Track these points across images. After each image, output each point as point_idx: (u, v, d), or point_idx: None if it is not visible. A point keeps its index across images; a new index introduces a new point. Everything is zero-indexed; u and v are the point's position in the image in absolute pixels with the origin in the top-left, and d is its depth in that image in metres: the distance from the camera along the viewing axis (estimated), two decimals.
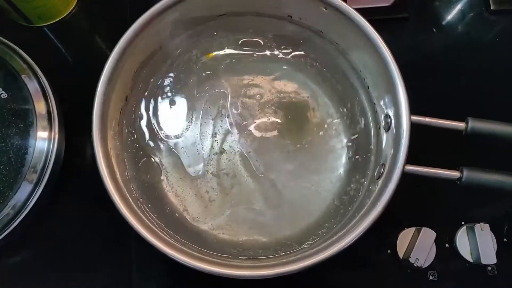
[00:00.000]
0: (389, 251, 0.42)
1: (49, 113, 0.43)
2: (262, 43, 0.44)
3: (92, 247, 0.44)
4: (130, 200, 0.35)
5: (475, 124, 0.35)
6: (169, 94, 0.44)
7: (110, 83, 0.37)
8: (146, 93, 0.43)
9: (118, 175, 0.35)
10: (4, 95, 0.43)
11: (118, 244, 0.44)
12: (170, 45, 0.42)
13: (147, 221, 0.34)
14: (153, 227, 0.34)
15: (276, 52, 0.44)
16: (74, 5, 0.51)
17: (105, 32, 0.51)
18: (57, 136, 0.43)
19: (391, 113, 0.36)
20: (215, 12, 0.42)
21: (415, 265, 0.40)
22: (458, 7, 0.52)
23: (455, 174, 0.34)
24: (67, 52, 0.51)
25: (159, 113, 0.44)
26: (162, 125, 0.44)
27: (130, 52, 0.38)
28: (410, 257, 0.40)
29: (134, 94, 0.42)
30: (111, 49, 0.51)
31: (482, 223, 0.41)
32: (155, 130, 0.43)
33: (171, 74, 0.45)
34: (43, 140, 0.42)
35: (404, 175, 0.33)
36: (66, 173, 0.45)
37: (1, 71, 0.44)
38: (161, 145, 0.43)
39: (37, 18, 0.49)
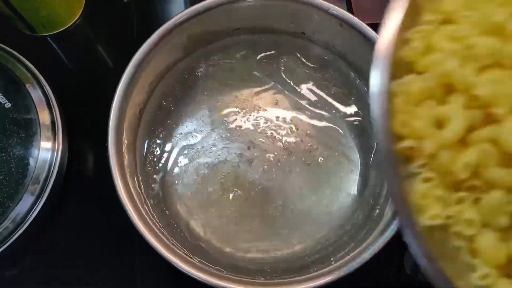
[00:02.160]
0: None
1: (53, 123, 0.43)
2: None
3: (95, 257, 0.43)
4: (150, 222, 0.34)
5: None
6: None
7: (125, 97, 0.37)
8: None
9: (132, 190, 0.35)
10: (8, 105, 0.42)
11: (122, 255, 0.43)
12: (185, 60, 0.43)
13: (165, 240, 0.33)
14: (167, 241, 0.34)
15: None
16: (79, 15, 0.51)
17: (109, 43, 0.51)
18: (60, 146, 0.42)
19: None
20: (231, 26, 0.42)
21: None
22: None
23: None
24: (70, 62, 0.50)
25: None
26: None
27: (146, 64, 0.38)
28: None
29: (148, 109, 0.42)
30: (115, 60, 0.51)
31: None
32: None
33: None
34: (47, 151, 0.41)
35: None
36: (69, 184, 0.44)
37: (5, 80, 0.43)
38: (176, 167, 0.42)
39: (42, 27, 0.48)
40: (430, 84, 0.22)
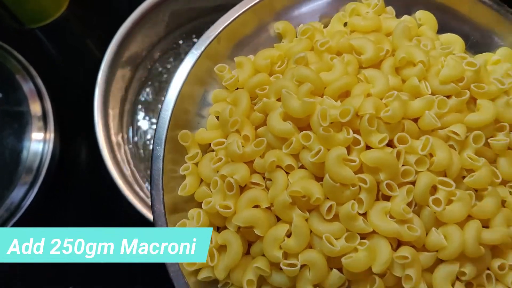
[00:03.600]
0: None
1: (44, 114, 0.43)
2: None
3: None
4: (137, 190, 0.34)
5: None
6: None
7: (111, 70, 0.37)
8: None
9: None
10: None
11: None
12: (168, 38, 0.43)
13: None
14: None
15: None
16: (65, 7, 0.51)
17: (96, 34, 0.51)
18: (52, 136, 0.42)
19: None
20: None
21: None
22: None
23: None
24: (59, 54, 0.50)
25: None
26: None
27: (129, 40, 0.38)
28: None
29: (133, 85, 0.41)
30: (103, 50, 0.51)
31: None
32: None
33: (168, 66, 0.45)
34: (38, 141, 0.42)
35: None
36: (62, 173, 0.44)
37: None
38: None
39: (29, 20, 0.48)
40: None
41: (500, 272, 0.24)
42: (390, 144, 0.25)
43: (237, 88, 0.29)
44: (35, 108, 0.42)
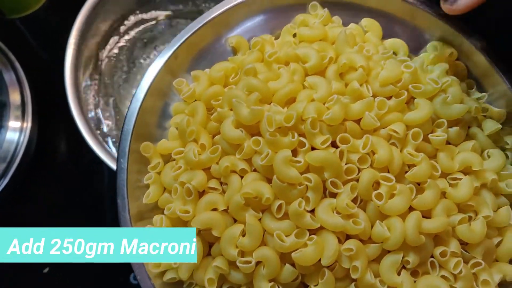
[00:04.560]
0: None
1: (23, 103, 0.43)
2: None
3: None
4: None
5: None
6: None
7: (81, 39, 0.41)
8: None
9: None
10: None
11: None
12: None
13: None
14: None
15: None
16: None
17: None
18: (29, 126, 0.43)
19: None
20: None
21: None
22: None
23: None
24: (39, 44, 0.51)
25: None
26: None
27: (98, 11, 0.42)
28: None
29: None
30: None
31: None
32: None
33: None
34: (15, 130, 0.42)
35: None
36: (38, 163, 0.45)
37: None
38: None
39: (10, 11, 0.49)
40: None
41: (442, 259, 0.26)
42: (335, 145, 0.27)
43: (196, 100, 0.31)
44: (14, 96, 0.43)
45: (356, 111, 0.27)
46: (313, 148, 0.27)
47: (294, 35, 0.32)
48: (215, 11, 0.33)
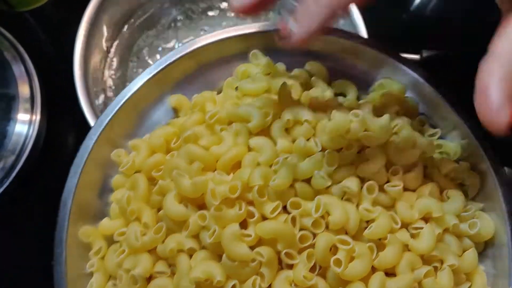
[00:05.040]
0: None
1: (32, 95, 0.42)
2: None
3: None
4: None
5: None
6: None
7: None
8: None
9: None
10: None
11: None
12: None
13: None
14: None
15: None
16: None
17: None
18: (38, 119, 0.41)
19: None
20: None
21: None
22: None
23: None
24: (48, 37, 0.50)
25: None
26: None
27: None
28: None
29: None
30: None
31: None
32: None
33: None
34: (24, 123, 0.41)
35: None
36: (46, 157, 0.43)
37: None
38: None
39: (18, 3, 0.48)
40: None
41: None
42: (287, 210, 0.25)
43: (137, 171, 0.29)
44: (24, 89, 0.42)
45: (304, 171, 0.26)
46: (264, 217, 0.25)
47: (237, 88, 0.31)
48: (154, 69, 0.31)
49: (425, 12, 0.53)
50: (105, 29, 0.44)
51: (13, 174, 0.39)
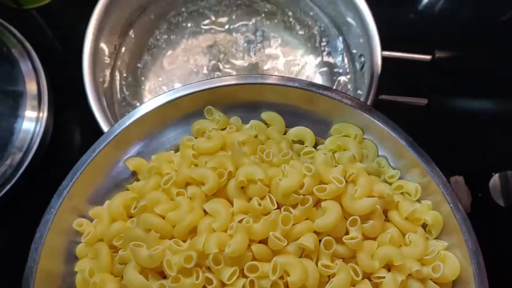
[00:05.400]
0: None
1: (39, 92, 0.42)
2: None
3: None
4: None
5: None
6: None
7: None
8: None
9: None
10: None
11: None
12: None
13: None
14: None
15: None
16: None
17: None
18: (45, 116, 0.42)
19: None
20: None
21: None
22: None
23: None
24: (55, 34, 0.50)
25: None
26: None
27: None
28: None
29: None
30: None
31: None
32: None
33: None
34: (31, 120, 0.41)
35: None
36: (53, 154, 0.43)
37: None
38: None
39: (25, 0, 0.48)
40: None
41: None
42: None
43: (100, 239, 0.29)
44: (31, 86, 0.42)
45: (260, 232, 0.26)
46: (222, 283, 0.25)
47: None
48: (110, 133, 0.31)
49: (433, 11, 0.52)
50: (114, 27, 0.45)
51: (20, 171, 0.40)
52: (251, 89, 0.32)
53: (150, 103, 0.31)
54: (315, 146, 0.32)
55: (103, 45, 0.43)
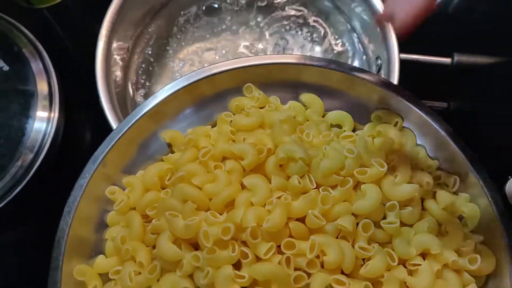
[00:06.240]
0: None
1: (50, 92, 0.42)
2: None
3: None
4: None
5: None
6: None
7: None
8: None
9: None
10: (8, 72, 0.42)
11: None
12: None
13: None
14: None
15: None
16: None
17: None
18: (56, 116, 0.41)
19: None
20: None
21: None
22: None
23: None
24: (66, 34, 0.50)
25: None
26: None
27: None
28: None
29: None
30: None
31: None
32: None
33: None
34: (42, 120, 0.41)
35: None
36: (65, 154, 0.43)
37: (6, 49, 0.42)
38: None
39: (37, 0, 0.48)
40: None
41: None
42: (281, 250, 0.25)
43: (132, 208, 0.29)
44: (42, 86, 0.42)
45: (298, 210, 0.25)
46: (258, 257, 0.25)
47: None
48: (147, 105, 0.31)
49: (447, 11, 0.51)
50: (127, 27, 0.44)
51: (32, 172, 0.39)
52: (289, 69, 0.32)
53: (186, 78, 0.31)
54: (353, 131, 0.31)
55: (115, 45, 0.43)
